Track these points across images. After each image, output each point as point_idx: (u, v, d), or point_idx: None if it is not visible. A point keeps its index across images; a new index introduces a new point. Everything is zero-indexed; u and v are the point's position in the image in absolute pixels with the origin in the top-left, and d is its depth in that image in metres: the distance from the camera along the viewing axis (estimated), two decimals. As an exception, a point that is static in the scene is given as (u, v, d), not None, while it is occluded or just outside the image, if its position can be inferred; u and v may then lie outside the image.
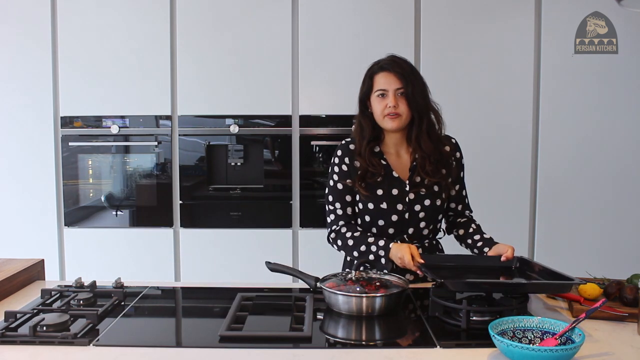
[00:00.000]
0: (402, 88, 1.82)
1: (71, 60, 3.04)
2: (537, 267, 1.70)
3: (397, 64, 1.85)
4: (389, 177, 1.87)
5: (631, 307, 1.53)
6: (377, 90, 1.84)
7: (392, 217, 1.86)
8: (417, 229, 1.89)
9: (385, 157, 1.90)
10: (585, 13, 2.97)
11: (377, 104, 1.85)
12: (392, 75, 1.83)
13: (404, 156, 1.91)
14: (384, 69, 1.84)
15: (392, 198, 1.86)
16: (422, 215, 1.87)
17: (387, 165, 1.88)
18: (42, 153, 3.08)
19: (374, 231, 1.90)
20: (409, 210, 1.87)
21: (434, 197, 1.88)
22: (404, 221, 1.87)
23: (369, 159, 1.86)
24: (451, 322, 1.50)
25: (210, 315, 1.70)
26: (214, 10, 3.01)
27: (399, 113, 1.82)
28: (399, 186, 1.87)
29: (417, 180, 1.87)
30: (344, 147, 1.93)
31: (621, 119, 3.01)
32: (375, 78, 1.86)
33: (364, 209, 1.89)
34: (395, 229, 1.88)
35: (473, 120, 3.02)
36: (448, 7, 3.00)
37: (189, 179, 3.10)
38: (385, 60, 1.87)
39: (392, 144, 1.91)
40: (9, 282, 1.76)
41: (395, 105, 1.81)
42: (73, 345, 1.37)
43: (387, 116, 1.83)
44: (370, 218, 1.89)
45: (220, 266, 3.06)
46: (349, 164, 1.90)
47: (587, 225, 3.05)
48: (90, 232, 3.12)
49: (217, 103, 3.04)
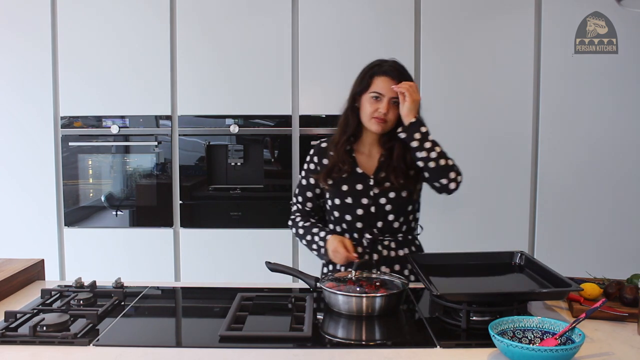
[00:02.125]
0: (397, 98, 1.83)
1: (71, 60, 3.04)
2: (537, 265, 1.70)
3: (400, 73, 1.86)
4: (354, 174, 1.90)
5: (631, 307, 1.53)
6: (373, 91, 1.85)
7: (358, 211, 1.89)
8: (386, 223, 1.90)
9: (355, 155, 1.93)
10: (585, 13, 2.97)
11: (368, 104, 1.86)
12: (393, 82, 1.83)
13: (375, 156, 1.94)
14: (387, 74, 1.85)
15: (356, 193, 1.89)
16: (389, 208, 1.89)
17: (353, 162, 1.91)
18: (42, 153, 3.08)
19: (344, 227, 1.93)
20: (375, 204, 1.89)
21: (400, 189, 1.89)
22: (371, 215, 1.89)
23: (342, 154, 1.89)
24: (451, 322, 1.50)
25: (210, 315, 1.70)
26: (214, 10, 3.01)
27: (387, 119, 1.84)
28: (363, 181, 1.90)
29: (382, 175, 1.89)
30: (317, 146, 1.99)
31: (621, 119, 3.01)
32: (374, 79, 1.86)
33: (332, 205, 1.93)
34: (364, 223, 1.90)
35: (473, 120, 3.03)
36: (448, 7, 3.00)
37: (189, 179, 3.10)
38: (389, 65, 1.87)
39: (368, 143, 1.94)
40: (9, 282, 1.76)
41: (386, 113, 1.83)
42: (73, 345, 1.37)
43: (374, 119, 1.84)
44: (339, 213, 1.92)
45: (220, 266, 3.06)
46: (317, 162, 1.96)
47: (587, 225, 3.05)
48: (90, 232, 3.12)
49: (217, 103, 3.04)
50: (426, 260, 1.82)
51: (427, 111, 1.93)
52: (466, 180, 2.02)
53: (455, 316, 1.50)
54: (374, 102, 1.84)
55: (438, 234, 3.04)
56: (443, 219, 3.05)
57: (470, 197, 3.05)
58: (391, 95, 1.83)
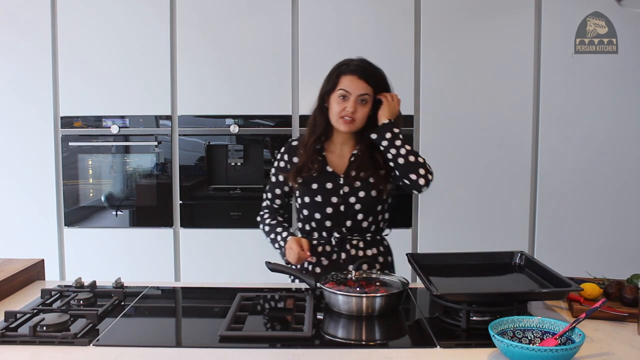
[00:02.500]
0: (365, 95, 1.83)
1: (71, 60, 3.04)
2: (537, 265, 1.70)
3: (367, 71, 1.86)
4: (324, 172, 1.91)
5: (631, 307, 1.53)
6: (340, 90, 1.85)
7: (327, 209, 1.90)
8: (355, 222, 1.91)
9: (326, 154, 1.94)
10: (585, 13, 2.97)
11: (336, 104, 1.86)
12: (360, 81, 1.83)
13: (346, 155, 1.94)
14: (354, 73, 1.85)
15: (326, 191, 1.90)
16: (359, 207, 1.89)
17: (323, 161, 1.92)
18: (42, 153, 3.07)
19: (312, 225, 1.94)
20: (344, 203, 1.89)
21: (369, 189, 1.90)
22: (340, 214, 1.90)
23: (311, 154, 1.90)
24: (451, 322, 1.50)
25: (210, 315, 1.70)
26: (213, 10, 3.01)
27: (355, 119, 1.84)
28: (333, 180, 1.91)
29: (352, 174, 1.89)
30: (288, 145, 2.01)
31: (621, 119, 3.01)
32: (341, 78, 1.86)
33: (302, 203, 1.94)
34: (332, 222, 1.91)
35: (473, 120, 3.02)
36: (448, 7, 3.00)
37: (189, 179, 3.10)
38: (356, 64, 1.88)
39: (339, 142, 1.95)
40: (9, 282, 1.76)
41: (353, 111, 1.83)
42: (73, 345, 1.37)
43: (342, 118, 1.84)
44: (308, 211, 1.93)
45: (220, 266, 3.06)
46: (287, 160, 1.97)
47: (587, 226, 3.05)
48: (90, 232, 3.12)
49: (217, 103, 3.04)
50: (426, 260, 1.82)
51: (427, 111, 1.93)
52: (466, 180, 2.02)
53: (455, 316, 1.50)
54: (341, 101, 1.85)
55: (438, 234, 3.06)
56: (443, 219, 3.06)
57: (470, 197, 3.06)
58: (358, 93, 1.83)
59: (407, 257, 1.84)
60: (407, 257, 1.83)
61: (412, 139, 3.02)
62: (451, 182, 3.02)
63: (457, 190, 3.04)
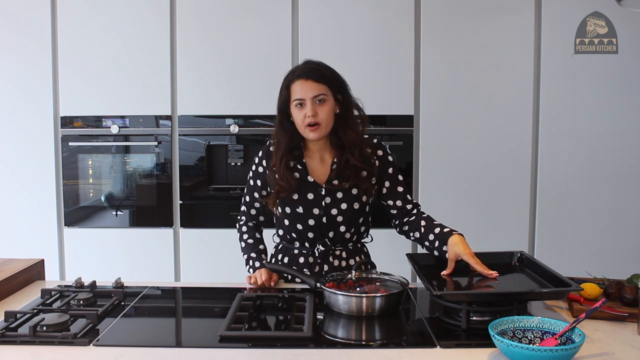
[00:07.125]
0: (319, 95, 1.78)
1: (71, 60, 3.04)
2: (537, 265, 1.70)
3: (312, 69, 1.80)
4: (305, 182, 1.86)
5: (631, 307, 1.53)
6: (294, 100, 1.79)
7: (309, 221, 1.86)
8: (337, 233, 1.88)
9: (306, 160, 1.88)
10: (585, 13, 2.97)
11: (296, 113, 1.80)
12: (309, 82, 1.78)
13: (327, 161, 1.89)
14: (300, 77, 1.79)
15: (308, 202, 1.85)
16: (341, 219, 1.86)
17: (303, 170, 1.86)
18: (42, 153, 3.08)
19: (294, 236, 1.90)
20: (326, 215, 1.85)
21: (352, 201, 1.86)
22: (323, 225, 1.87)
23: (283, 174, 1.82)
24: (451, 322, 1.50)
25: (210, 315, 1.70)
26: (213, 11, 3.01)
27: (319, 122, 1.78)
28: (314, 190, 1.85)
29: (334, 183, 1.85)
30: (265, 149, 1.94)
31: (621, 119, 3.01)
32: (292, 87, 1.80)
33: (282, 212, 1.89)
34: (315, 233, 1.88)
35: (473, 120, 3.02)
36: (448, 7, 3.00)
37: (189, 179, 3.10)
38: (300, 68, 1.82)
39: (315, 150, 1.89)
40: (9, 282, 1.76)
41: (314, 115, 1.77)
42: (73, 345, 1.37)
43: (307, 127, 1.79)
44: (289, 222, 1.89)
45: (220, 266, 3.06)
46: (265, 165, 1.91)
47: (587, 225, 3.05)
48: (90, 232, 3.12)
49: (217, 103, 3.04)
50: (426, 260, 1.82)
51: (427, 111, 1.93)
52: (466, 180, 2.02)
53: (455, 316, 1.50)
54: (300, 109, 1.79)
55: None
56: (443, 219, 3.05)
57: (470, 197, 3.06)
58: (312, 95, 1.77)
59: (407, 257, 1.84)
60: (407, 257, 1.83)
61: (412, 139, 3.02)
62: (451, 182, 3.02)
63: (456, 190, 3.04)
